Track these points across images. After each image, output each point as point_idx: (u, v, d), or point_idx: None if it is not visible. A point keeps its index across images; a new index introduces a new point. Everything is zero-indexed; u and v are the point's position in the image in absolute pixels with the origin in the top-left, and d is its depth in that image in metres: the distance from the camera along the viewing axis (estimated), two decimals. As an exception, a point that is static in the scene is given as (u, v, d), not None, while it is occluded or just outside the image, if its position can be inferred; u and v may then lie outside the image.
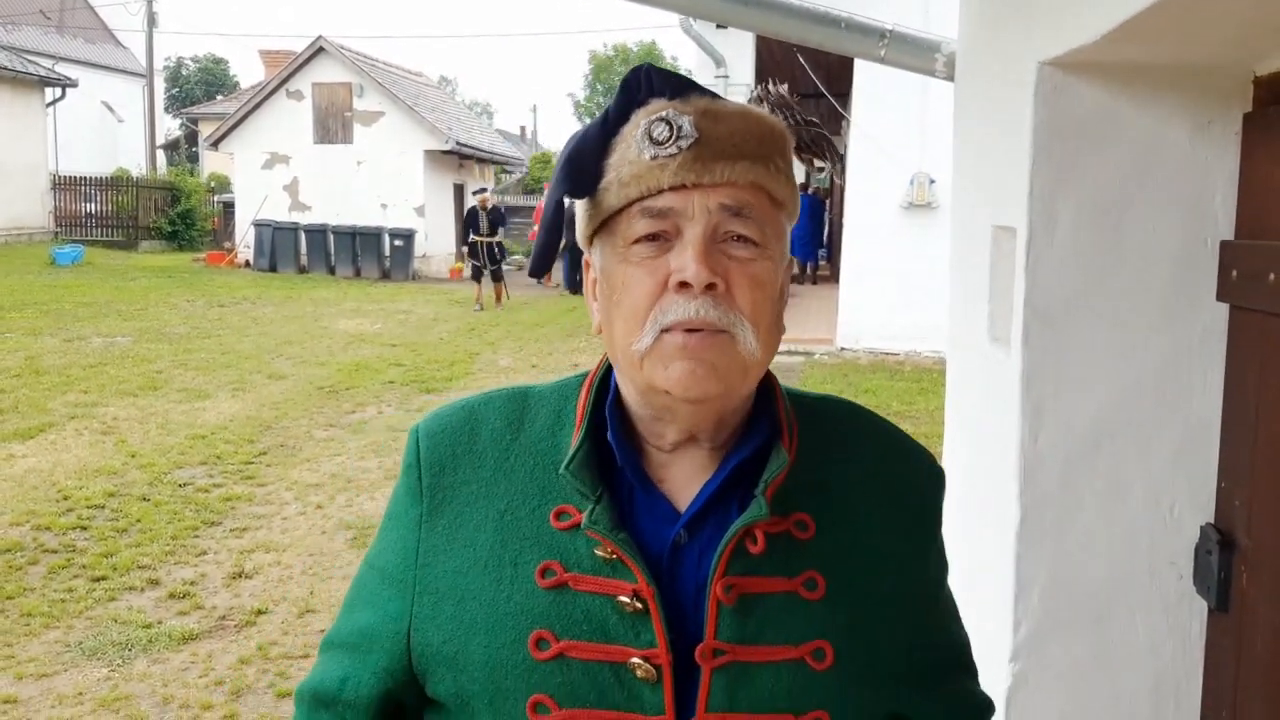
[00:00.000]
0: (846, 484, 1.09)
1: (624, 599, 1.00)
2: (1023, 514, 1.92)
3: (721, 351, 0.98)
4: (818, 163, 1.17)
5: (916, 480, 1.15)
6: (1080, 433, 1.90)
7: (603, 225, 1.05)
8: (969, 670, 1.19)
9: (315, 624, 5.07)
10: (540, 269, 1.17)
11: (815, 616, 1.02)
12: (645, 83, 1.04)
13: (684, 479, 1.06)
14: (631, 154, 1.01)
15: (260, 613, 5.18)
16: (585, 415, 1.07)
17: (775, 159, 1.03)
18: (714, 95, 1.05)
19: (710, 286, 0.97)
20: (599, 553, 1.01)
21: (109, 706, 4.23)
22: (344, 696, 1.10)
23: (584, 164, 1.04)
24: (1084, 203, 1.86)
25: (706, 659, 0.99)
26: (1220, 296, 1.81)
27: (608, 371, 1.10)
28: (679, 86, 1.04)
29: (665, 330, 0.98)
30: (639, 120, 1.02)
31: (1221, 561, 1.77)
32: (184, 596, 5.37)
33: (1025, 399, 1.90)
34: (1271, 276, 1.61)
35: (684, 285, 0.97)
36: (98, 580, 5.51)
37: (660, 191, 0.99)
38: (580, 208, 1.07)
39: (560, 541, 1.03)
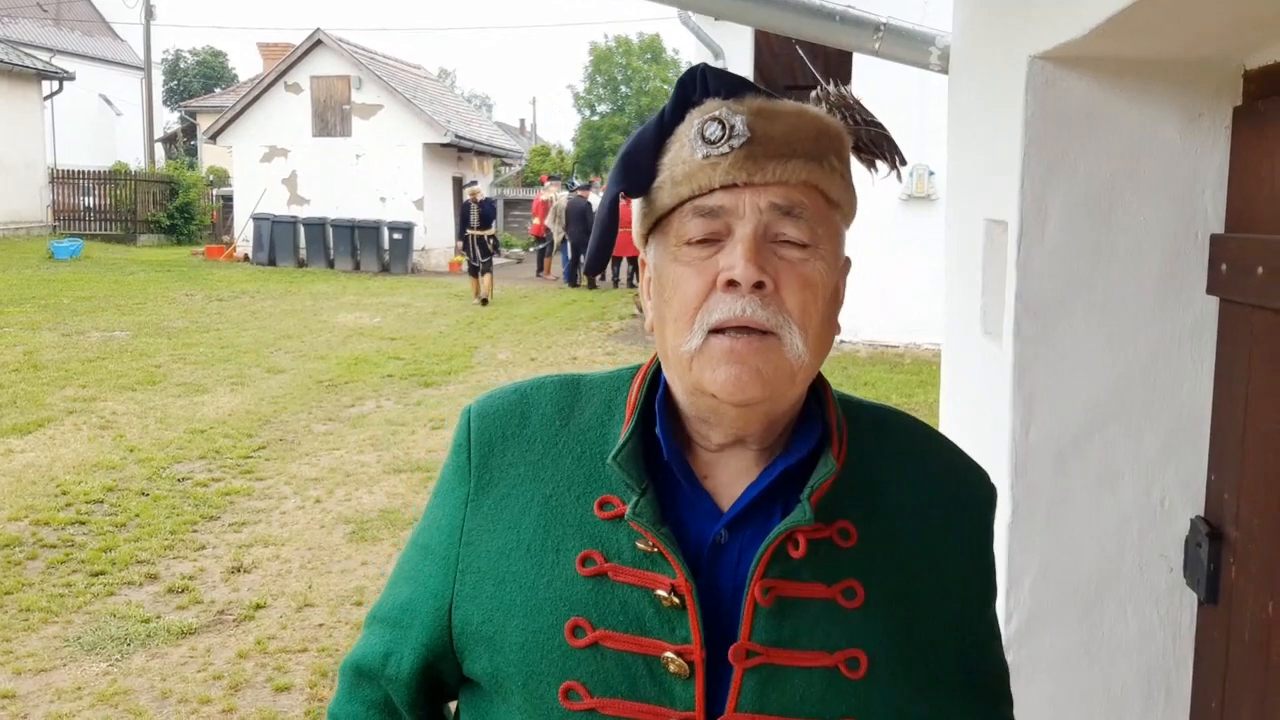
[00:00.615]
0: (895, 495, 1.09)
1: (662, 593, 1.00)
2: (1014, 506, 1.93)
3: (768, 356, 0.97)
4: (879, 164, 1.14)
5: (966, 497, 1.14)
6: (1071, 425, 1.91)
7: (656, 224, 1.06)
8: (1004, 697, 1.17)
9: (314, 618, 5.09)
10: (597, 266, 1.18)
11: (852, 625, 1.02)
12: (700, 83, 1.05)
13: (729, 478, 1.06)
14: (685, 153, 1.02)
15: (259, 607, 5.19)
16: (636, 408, 1.07)
17: (830, 158, 1.02)
18: (770, 95, 1.05)
19: (758, 285, 0.97)
20: (640, 545, 1.02)
21: (107, 701, 4.24)
22: (387, 671, 1.13)
23: (639, 162, 1.05)
24: (1075, 196, 1.86)
25: (739, 659, 0.99)
26: (1210, 290, 1.82)
27: (660, 366, 1.10)
28: (734, 86, 1.04)
29: (713, 331, 0.98)
30: (693, 120, 1.03)
31: (1211, 554, 1.78)
32: (182, 591, 5.37)
33: (1017, 392, 1.91)
34: (1260, 270, 1.61)
35: (732, 284, 0.97)
36: (96, 575, 5.52)
37: (712, 190, 1.00)
38: (636, 207, 1.08)
39: (602, 531, 1.04)
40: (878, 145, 1.13)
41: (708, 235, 1.00)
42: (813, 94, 1.13)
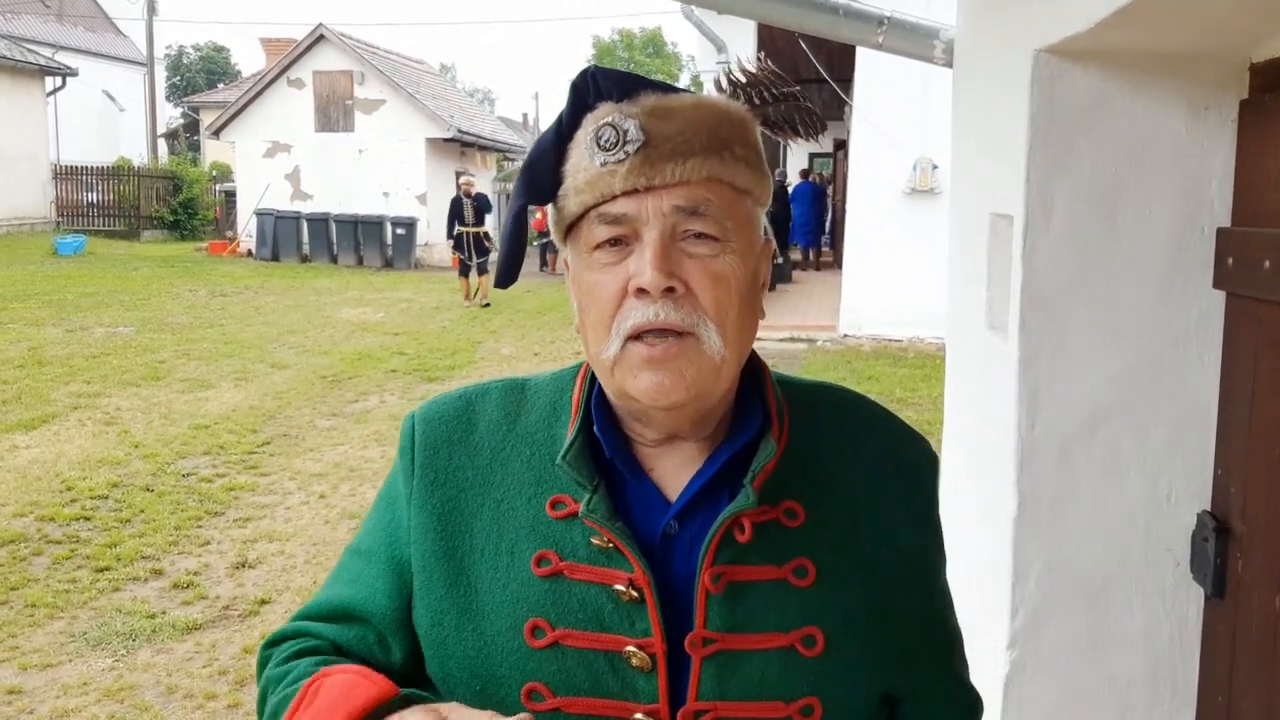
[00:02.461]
0: (839, 471, 1.09)
1: (620, 588, 1.00)
2: (1020, 501, 1.92)
3: (688, 358, 0.98)
4: (798, 138, 1.13)
5: (910, 466, 1.14)
6: (1077, 420, 1.90)
7: (569, 230, 1.06)
8: (962, 663, 1.19)
9: (318, 613, 5.09)
10: (507, 280, 1.15)
11: (805, 603, 1.02)
12: (593, 86, 1.04)
13: (673, 469, 1.06)
14: (584, 161, 1.01)
15: (264, 602, 5.20)
16: (581, 406, 1.08)
17: (732, 147, 1.01)
18: (666, 89, 1.04)
19: (669, 290, 0.97)
20: (595, 541, 1.02)
21: (113, 696, 4.25)
22: (368, 607, 1.09)
23: (542, 172, 1.05)
24: (1080, 189, 1.86)
25: (696, 648, 1.00)
26: (1217, 283, 1.81)
27: None
28: (627, 87, 1.03)
29: (631, 338, 0.98)
30: (588, 126, 1.02)
31: (1217, 548, 1.77)
32: (187, 586, 5.38)
33: (1022, 386, 1.91)
34: (1267, 263, 1.61)
35: (642, 290, 0.97)
36: (101, 571, 5.53)
37: (614, 197, 0.99)
38: (549, 211, 1.08)
39: (555, 531, 1.03)
40: (789, 119, 1.11)
41: (616, 237, 1.00)
42: (714, 79, 1.13)
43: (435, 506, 1.07)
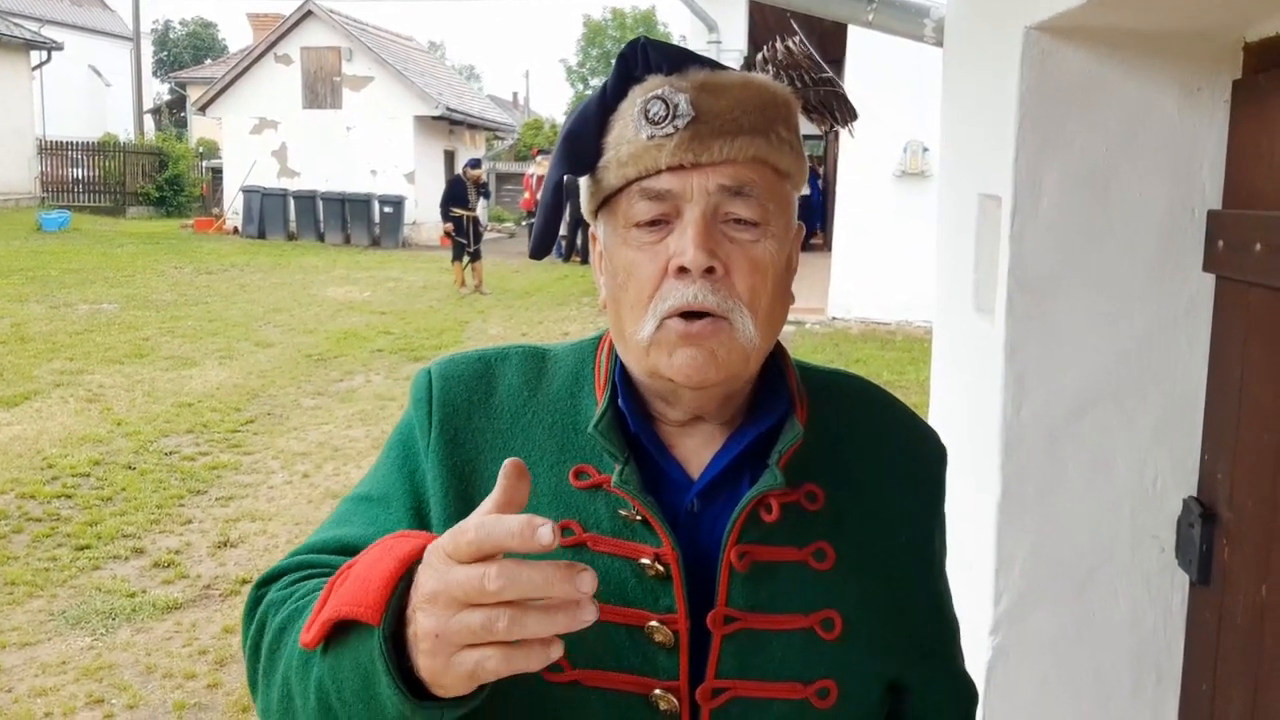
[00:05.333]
0: (855, 458, 1.09)
1: (645, 561, 0.99)
2: (1004, 486, 1.91)
3: (721, 340, 0.97)
4: (835, 124, 1.13)
5: (923, 458, 1.15)
6: (1063, 404, 1.88)
7: (604, 202, 1.04)
8: (960, 653, 1.20)
9: (301, 593, 5.06)
10: (542, 251, 1.14)
11: (824, 586, 1.02)
12: (642, 58, 1.02)
13: (694, 448, 1.06)
14: (629, 133, 1.00)
15: (245, 582, 5.16)
16: (607, 378, 1.07)
17: (778, 129, 1.00)
18: (714, 65, 1.02)
19: (709, 270, 0.96)
20: (622, 514, 1.01)
21: (92, 676, 4.22)
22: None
23: (583, 142, 1.03)
24: (1070, 171, 1.83)
25: (718, 625, 0.99)
26: (1207, 266, 1.79)
27: None
28: (676, 60, 1.02)
29: (666, 317, 0.97)
30: (635, 98, 1.00)
31: (1203, 535, 1.76)
32: (168, 565, 5.35)
33: (1008, 370, 1.88)
34: (1258, 247, 1.58)
35: (683, 270, 0.96)
36: (82, 549, 5.49)
37: (658, 172, 0.98)
38: (583, 183, 1.06)
39: (578, 501, 1.03)
40: (827, 104, 1.11)
41: (657, 218, 0.98)
42: (759, 55, 1.11)
43: (454, 464, 1.05)
